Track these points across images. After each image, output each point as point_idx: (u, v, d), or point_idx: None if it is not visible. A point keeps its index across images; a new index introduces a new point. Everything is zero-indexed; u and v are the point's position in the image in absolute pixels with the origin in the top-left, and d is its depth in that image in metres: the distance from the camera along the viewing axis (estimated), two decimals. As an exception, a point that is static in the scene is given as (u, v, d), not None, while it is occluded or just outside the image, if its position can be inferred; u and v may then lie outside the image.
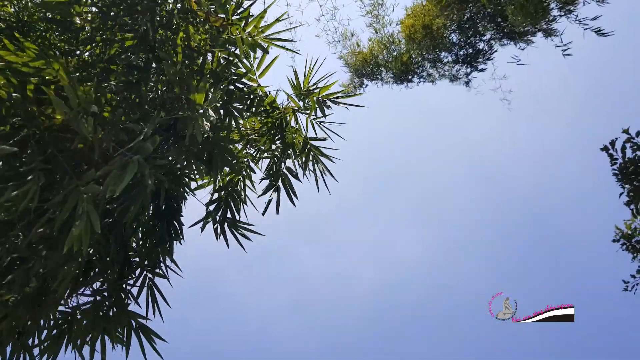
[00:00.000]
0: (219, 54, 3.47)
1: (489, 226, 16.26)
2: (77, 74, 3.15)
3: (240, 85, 3.52)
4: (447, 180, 16.58)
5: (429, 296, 14.81)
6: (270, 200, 3.58)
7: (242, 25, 3.37)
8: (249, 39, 3.36)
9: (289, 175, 3.63)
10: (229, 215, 3.90)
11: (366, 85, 10.45)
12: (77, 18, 3.51)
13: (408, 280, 15.30)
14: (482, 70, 9.44)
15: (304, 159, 3.58)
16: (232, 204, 3.89)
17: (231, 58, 3.55)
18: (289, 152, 3.59)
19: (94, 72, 3.25)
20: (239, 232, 3.71)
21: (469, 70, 9.56)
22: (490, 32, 8.84)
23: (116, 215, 3.14)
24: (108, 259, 3.54)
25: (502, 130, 16.49)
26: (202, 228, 3.72)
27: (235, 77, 3.58)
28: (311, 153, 3.58)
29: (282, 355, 13.22)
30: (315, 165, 3.64)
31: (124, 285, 3.65)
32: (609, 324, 12.26)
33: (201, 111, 2.81)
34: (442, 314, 14.32)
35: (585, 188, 14.56)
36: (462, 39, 9.12)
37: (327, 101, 3.54)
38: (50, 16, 3.67)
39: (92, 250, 3.56)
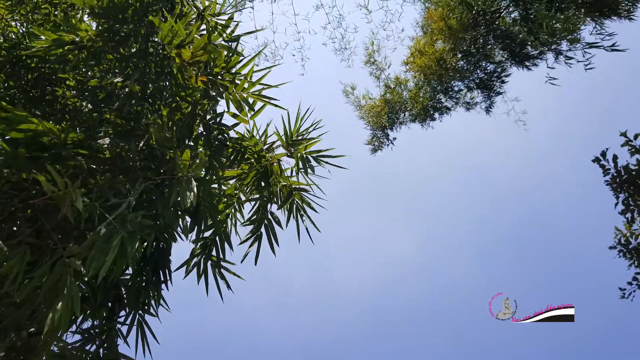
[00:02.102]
0: (208, 105, 3.54)
1: (487, 228, 16.36)
2: (68, 124, 3.22)
3: (227, 136, 3.59)
4: (446, 183, 16.62)
5: (427, 297, 14.97)
6: (249, 250, 3.66)
7: (231, 81, 3.42)
8: (240, 93, 3.42)
9: (273, 222, 3.70)
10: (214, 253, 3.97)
11: (394, 139, 10.06)
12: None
13: (407, 281, 15.43)
14: (499, 93, 9.08)
15: (287, 207, 3.66)
16: (218, 242, 3.97)
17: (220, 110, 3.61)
18: (273, 199, 3.67)
19: (86, 121, 3.34)
20: (221, 275, 3.78)
21: (485, 94, 9.19)
22: (499, 55, 8.62)
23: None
24: (97, 299, 3.65)
25: (502, 133, 16.48)
26: (187, 273, 3.81)
27: (224, 128, 3.65)
28: (295, 203, 3.67)
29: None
30: (299, 215, 3.71)
31: (113, 324, 3.78)
32: (607, 324, 12.37)
33: (188, 175, 2.89)
34: (440, 315, 14.49)
35: (586, 190, 14.53)
36: (471, 66, 8.89)
37: (310, 159, 3.61)
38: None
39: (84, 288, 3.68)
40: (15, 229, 2.55)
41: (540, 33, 6.57)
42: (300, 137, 3.64)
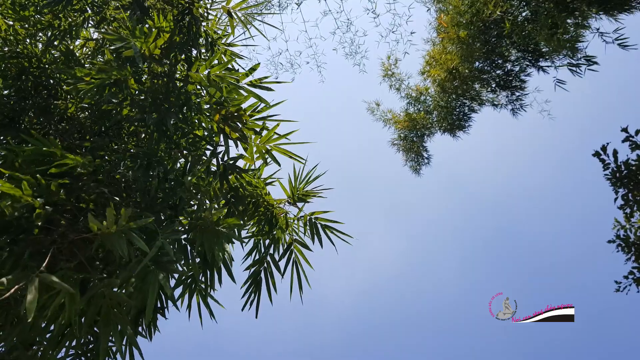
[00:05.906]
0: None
1: (483, 228, 17.04)
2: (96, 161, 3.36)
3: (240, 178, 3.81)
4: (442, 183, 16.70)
5: (424, 299, 15.32)
6: (249, 301, 3.76)
7: (256, 132, 3.69)
8: (264, 145, 3.71)
9: (272, 266, 3.93)
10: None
11: (429, 157, 10.11)
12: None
13: (406, 282, 15.65)
14: (522, 89, 8.76)
15: (285, 259, 3.90)
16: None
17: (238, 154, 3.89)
18: (273, 247, 3.93)
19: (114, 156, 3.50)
20: (206, 303, 3.87)
21: (509, 94, 8.93)
22: (515, 54, 8.55)
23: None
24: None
25: (501, 132, 16.73)
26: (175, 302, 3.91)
27: (237, 170, 3.92)
28: (293, 255, 3.91)
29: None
30: (294, 269, 3.88)
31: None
32: (606, 323, 13.06)
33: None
34: (438, 316, 14.97)
35: (584, 188, 15.33)
36: (487, 66, 8.81)
37: (317, 224, 3.97)
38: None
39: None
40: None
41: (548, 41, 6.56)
42: (306, 191, 3.97)
